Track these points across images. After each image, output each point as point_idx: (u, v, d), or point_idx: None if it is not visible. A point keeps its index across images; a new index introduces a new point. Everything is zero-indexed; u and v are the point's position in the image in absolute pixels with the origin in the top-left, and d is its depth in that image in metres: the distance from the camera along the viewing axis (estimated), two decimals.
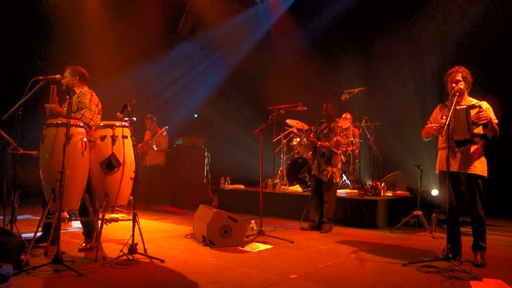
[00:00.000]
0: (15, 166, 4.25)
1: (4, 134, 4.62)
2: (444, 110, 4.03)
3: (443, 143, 3.95)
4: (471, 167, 3.84)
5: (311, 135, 5.84)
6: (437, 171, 4.15)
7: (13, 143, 4.46)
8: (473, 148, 3.85)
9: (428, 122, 4.22)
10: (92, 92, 4.41)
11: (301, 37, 10.12)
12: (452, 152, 3.87)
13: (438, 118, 4.09)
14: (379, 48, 8.58)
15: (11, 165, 4.45)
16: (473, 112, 3.80)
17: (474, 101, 3.94)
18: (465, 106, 3.84)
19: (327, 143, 5.57)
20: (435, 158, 4.16)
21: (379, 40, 8.57)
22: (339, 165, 5.75)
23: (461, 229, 4.01)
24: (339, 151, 5.69)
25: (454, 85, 3.92)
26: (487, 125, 3.76)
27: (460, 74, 3.94)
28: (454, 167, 3.90)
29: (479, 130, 3.76)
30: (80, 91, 4.38)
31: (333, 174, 5.58)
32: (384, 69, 8.42)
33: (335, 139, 5.58)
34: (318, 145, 5.61)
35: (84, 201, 4.00)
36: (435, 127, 3.96)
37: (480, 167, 3.84)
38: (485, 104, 3.89)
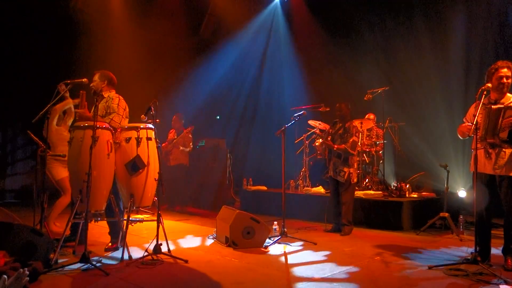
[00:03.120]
0: (44, 168, 4.38)
1: (33, 137, 4.77)
2: (479, 108, 3.76)
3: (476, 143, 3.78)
4: (509, 170, 3.67)
5: (329, 138, 5.78)
6: (471, 171, 3.95)
7: (42, 145, 4.60)
8: (509, 150, 3.66)
9: (464, 120, 4.06)
10: (120, 97, 4.46)
11: (323, 37, 10.02)
12: (486, 153, 3.74)
13: (472, 116, 3.86)
14: (403, 47, 8.42)
15: (40, 166, 4.59)
16: (508, 114, 3.58)
17: None
18: (502, 106, 3.63)
19: (343, 145, 5.49)
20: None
21: (403, 38, 8.41)
22: (356, 165, 5.68)
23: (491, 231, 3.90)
24: (355, 152, 5.62)
25: (500, 82, 3.68)
26: None
27: (507, 70, 3.69)
28: (489, 169, 3.76)
29: (505, 134, 3.58)
30: (108, 96, 4.43)
31: (350, 175, 5.49)
32: (408, 68, 8.25)
33: (351, 140, 5.48)
34: (335, 149, 5.53)
35: (110, 202, 4.09)
36: (469, 127, 3.73)
37: None
38: None
